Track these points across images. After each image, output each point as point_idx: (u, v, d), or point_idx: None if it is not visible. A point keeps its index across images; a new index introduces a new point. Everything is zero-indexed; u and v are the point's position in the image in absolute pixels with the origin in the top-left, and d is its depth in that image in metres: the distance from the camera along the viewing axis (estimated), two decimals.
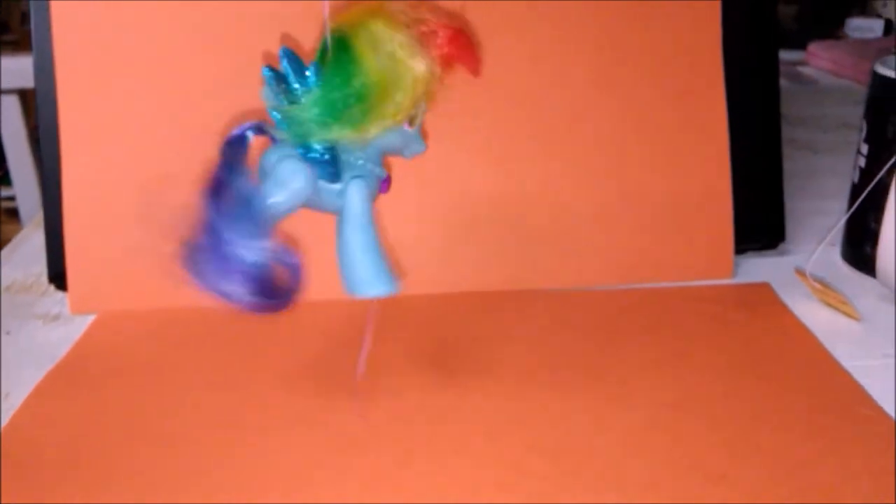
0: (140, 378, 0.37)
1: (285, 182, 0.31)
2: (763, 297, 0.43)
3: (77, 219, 0.42)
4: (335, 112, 0.31)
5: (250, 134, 0.32)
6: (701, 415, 0.33)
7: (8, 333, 0.41)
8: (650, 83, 0.44)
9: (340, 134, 0.32)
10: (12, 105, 0.99)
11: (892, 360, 0.37)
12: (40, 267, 0.43)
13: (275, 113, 0.32)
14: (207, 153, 0.42)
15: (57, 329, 0.41)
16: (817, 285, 0.42)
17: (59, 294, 0.43)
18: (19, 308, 0.43)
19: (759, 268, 0.46)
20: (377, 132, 0.32)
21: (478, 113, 0.43)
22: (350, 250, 0.33)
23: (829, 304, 0.41)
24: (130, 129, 0.42)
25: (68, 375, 0.37)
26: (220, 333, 0.40)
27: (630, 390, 0.35)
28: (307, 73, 0.32)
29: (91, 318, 0.41)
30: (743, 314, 0.41)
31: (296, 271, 0.31)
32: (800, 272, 0.43)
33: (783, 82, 0.87)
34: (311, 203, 0.32)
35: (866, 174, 0.43)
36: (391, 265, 0.33)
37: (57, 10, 0.41)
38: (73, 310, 0.42)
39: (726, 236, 0.44)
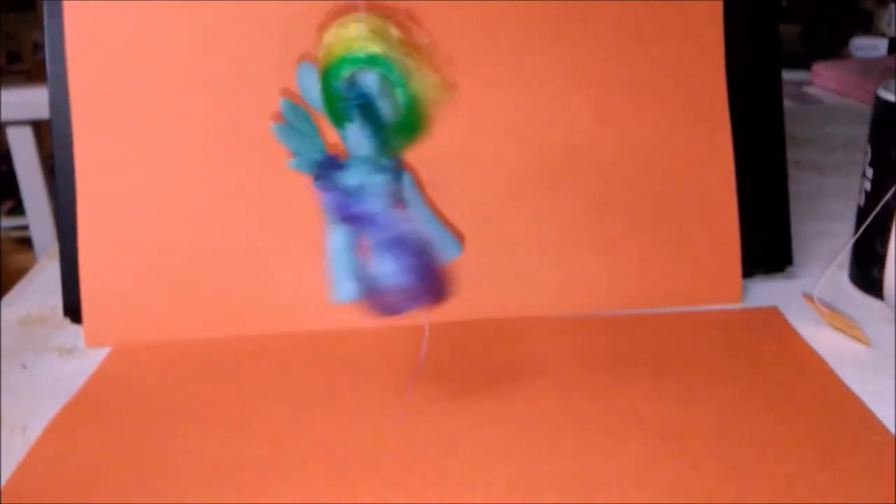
0: (155, 410, 0.37)
1: (379, 193, 0.36)
2: (771, 322, 0.43)
3: (92, 252, 0.42)
4: (417, 132, 0.36)
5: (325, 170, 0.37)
6: (712, 443, 0.33)
7: (24, 367, 0.41)
8: (652, 108, 0.44)
9: (412, 144, 0.37)
10: (26, 136, 1.01)
11: None
12: (55, 299, 0.44)
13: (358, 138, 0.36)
14: (224, 185, 0.43)
15: (72, 362, 0.42)
16: (825, 310, 0.42)
17: (74, 327, 0.44)
18: (35, 341, 0.44)
19: (767, 291, 0.46)
20: None
21: (479, 143, 0.43)
22: (424, 228, 0.39)
23: (838, 329, 0.41)
24: (146, 161, 0.43)
25: (84, 408, 0.38)
26: (234, 365, 0.40)
27: (639, 419, 0.35)
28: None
29: (106, 351, 0.42)
30: (751, 339, 0.41)
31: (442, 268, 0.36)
32: (807, 297, 0.43)
33: (788, 103, 0.87)
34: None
35: (872, 198, 0.43)
36: (452, 232, 0.40)
37: (71, 41, 0.42)
38: (87, 342, 0.42)
39: (733, 260, 0.45)
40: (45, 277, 0.51)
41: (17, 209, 1.23)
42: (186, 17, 0.42)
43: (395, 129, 0.36)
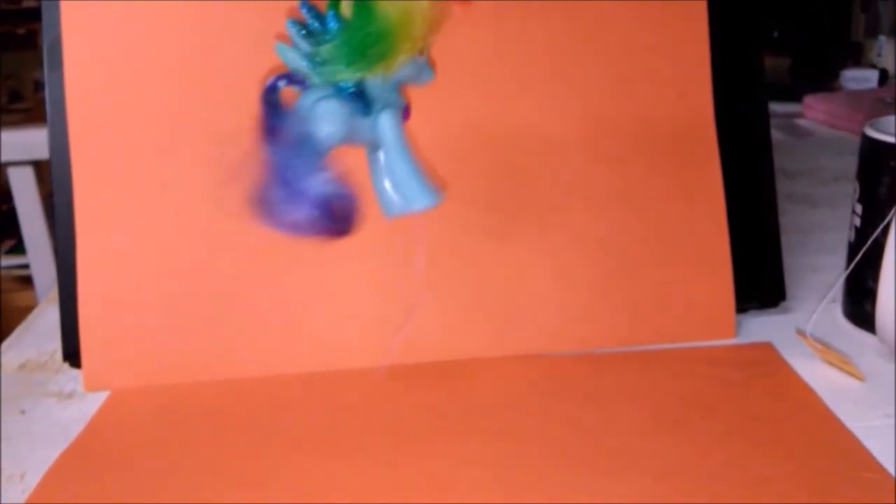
0: (154, 454, 0.37)
1: (326, 119, 0.33)
2: (765, 357, 0.43)
3: (92, 296, 0.43)
4: (362, 50, 0.33)
5: (281, 84, 0.34)
6: (704, 483, 0.33)
7: (23, 412, 0.42)
8: (643, 147, 0.45)
9: (367, 70, 0.34)
10: (26, 176, 1.02)
11: (894, 421, 0.37)
12: (55, 344, 0.44)
13: (302, 61, 0.34)
14: (225, 230, 0.43)
15: (71, 407, 0.42)
16: (818, 345, 0.42)
17: (73, 371, 0.44)
18: (34, 387, 0.44)
19: (761, 326, 0.46)
20: (398, 65, 0.35)
21: (469, 183, 0.44)
22: (395, 172, 0.36)
23: (832, 364, 0.41)
24: (145, 206, 0.43)
25: (83, 454, 0.38)
26: (233, 408, 0.41)
27: (631, 459, 0.35)
28: (327, 17, 0.34)
29: (104, 395, 0.42)
30: (745, 375, 0.41)
31: (352, 200, 0.34)
32: (800, 333, 0.43)
33: (779, 135, 0.89)
34: (349, 137, 0.35)
35: (862, 234, 0.44)
36: (432, 181, 0.37)
37: (71, 85, 0.42)
38: (86, 387, 0.43)
39: (727, 296, 0.45)
40: (44, 322, 0.51)
41: (18, 248, 1.23)
42: (188, 62, 0.43)
43: (340, 46, 0.33)
